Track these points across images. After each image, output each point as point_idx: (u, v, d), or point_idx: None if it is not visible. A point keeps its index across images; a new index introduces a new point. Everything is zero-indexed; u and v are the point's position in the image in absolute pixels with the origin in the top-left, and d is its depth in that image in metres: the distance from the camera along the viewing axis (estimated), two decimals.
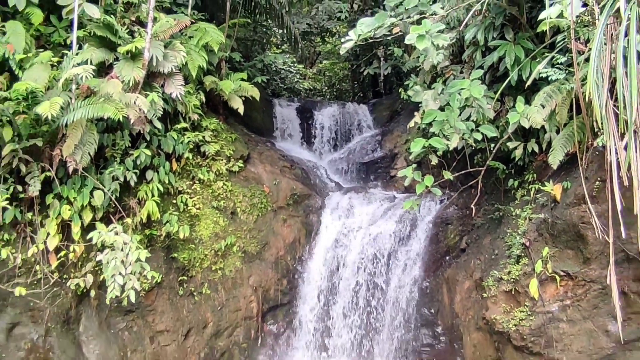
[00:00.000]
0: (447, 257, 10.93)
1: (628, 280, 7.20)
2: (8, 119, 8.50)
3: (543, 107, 8.48)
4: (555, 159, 8.31)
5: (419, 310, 10.83)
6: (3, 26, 9.18)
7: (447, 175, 9.65)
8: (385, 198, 12.55)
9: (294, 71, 19.45)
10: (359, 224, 12.02)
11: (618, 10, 6.60)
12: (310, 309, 11.51)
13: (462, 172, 10.31)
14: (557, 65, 8.46)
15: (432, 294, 10.82)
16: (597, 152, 7.71)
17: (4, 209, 8.51)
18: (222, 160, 11.45)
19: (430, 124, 9.35)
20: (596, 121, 7.03)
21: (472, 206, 10.09)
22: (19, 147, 8.57)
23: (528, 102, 8.73)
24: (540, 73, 8.29)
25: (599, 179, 7.48)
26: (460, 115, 9.26)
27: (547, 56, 8.43)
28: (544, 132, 8.88)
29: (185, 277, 10.37)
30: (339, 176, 14.72)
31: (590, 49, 7.02)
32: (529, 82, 8.52)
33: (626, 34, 6.51)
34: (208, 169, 11.15)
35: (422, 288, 10.94)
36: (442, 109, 9.47)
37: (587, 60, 7.16)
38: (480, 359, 9.07)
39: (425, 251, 11.25)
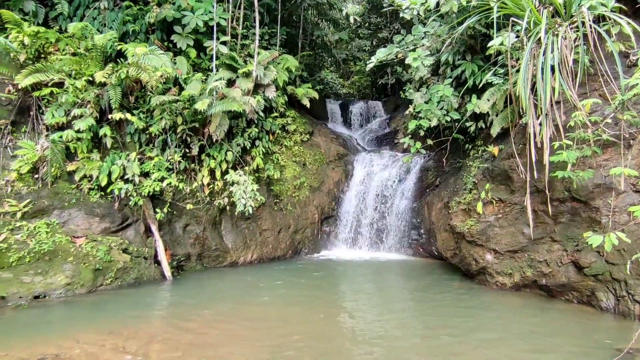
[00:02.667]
0: (427, 190, 10.73)
1: (537, 203, 6.92)
2: (179, 111, 8.66)
3: (488, 100, 8.07)
4: (494, 131, 7.95)
5: (410, 220, 10.82)
6: (174, 60, 9.24)
7: (429, 141, 9.40)
8: (391, 156, 12.34)
9: (337, 82, 19.03)
10: (376, 170, 11.90)
11: (539, 39, 6.16)
12: (347, 219, 11.58)
13: (437, 140, 10.01)
14: (497, 75, 8.01)
15: (418, 210, 10.73)
16: (521, 127, 7.33)
17: (179, 162, 8.79)
18: (297, 134, 11.41)
19: (419, 112, 9.11)
20: (522, 108, 6.68)
21: (443, 160, 9.84)
22: (185, 127, 8.74)
23: (479, 97, 8.31)
24: (487, 80, 7.88)
25: (521, 143, 7.13)
26: (437, 106, 8.96)
27: (491, 69, 8.00)
28: (488, 115, 8.47)
29: (277, 200, 10.52)
30: (364, 143, 14.52)
31: (520, 64, 6.61)
32: (480, 86, 8.12)
33: (544, 54, 6.09)
34: (289, 139, 11.14)
35: (412, 207, 10.87)
36: (426, 103, 9.18)
37: (517, 71, 6.75)
38: (446, 248, 8.99)
39: (414, 186, 11.08)
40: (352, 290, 7.67)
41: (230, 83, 9.77)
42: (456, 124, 9.22)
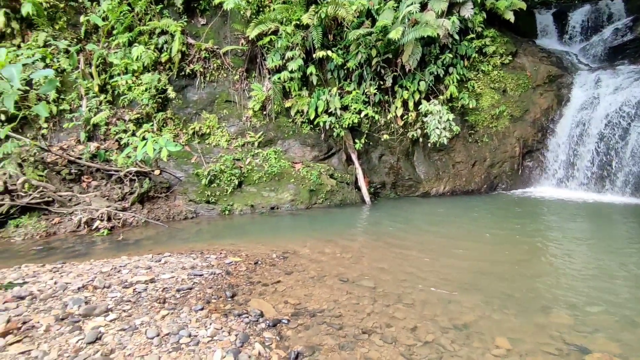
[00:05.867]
0: None
1: None
2: (373, 44, 8.50)
3: None
4: None
5: None
6: None
7: None
8: (632, 71, 9.13)
9: None
10: (605, 92, 9.10)
11: None
12: (557, 153, 9.56)
13: None
14: None
15: None
16: None
17: (374, 94, 8.82)
18: (497, 56, 9.71)
19: None
20: None
21: None
22: (379, 59, 8.63)
23: None
24: None
25: None
26: None
27: None
28: None
29: (472, 131, 9.56)
30: (587, 59, 11.20)
31: None
32: None
33: None
34: (487, 64, 9.63)
35: None
36: None
37: None
38: None
39: None
40: (566, 235, 6.38)
41: (423, 7, 8.90)
42: None
